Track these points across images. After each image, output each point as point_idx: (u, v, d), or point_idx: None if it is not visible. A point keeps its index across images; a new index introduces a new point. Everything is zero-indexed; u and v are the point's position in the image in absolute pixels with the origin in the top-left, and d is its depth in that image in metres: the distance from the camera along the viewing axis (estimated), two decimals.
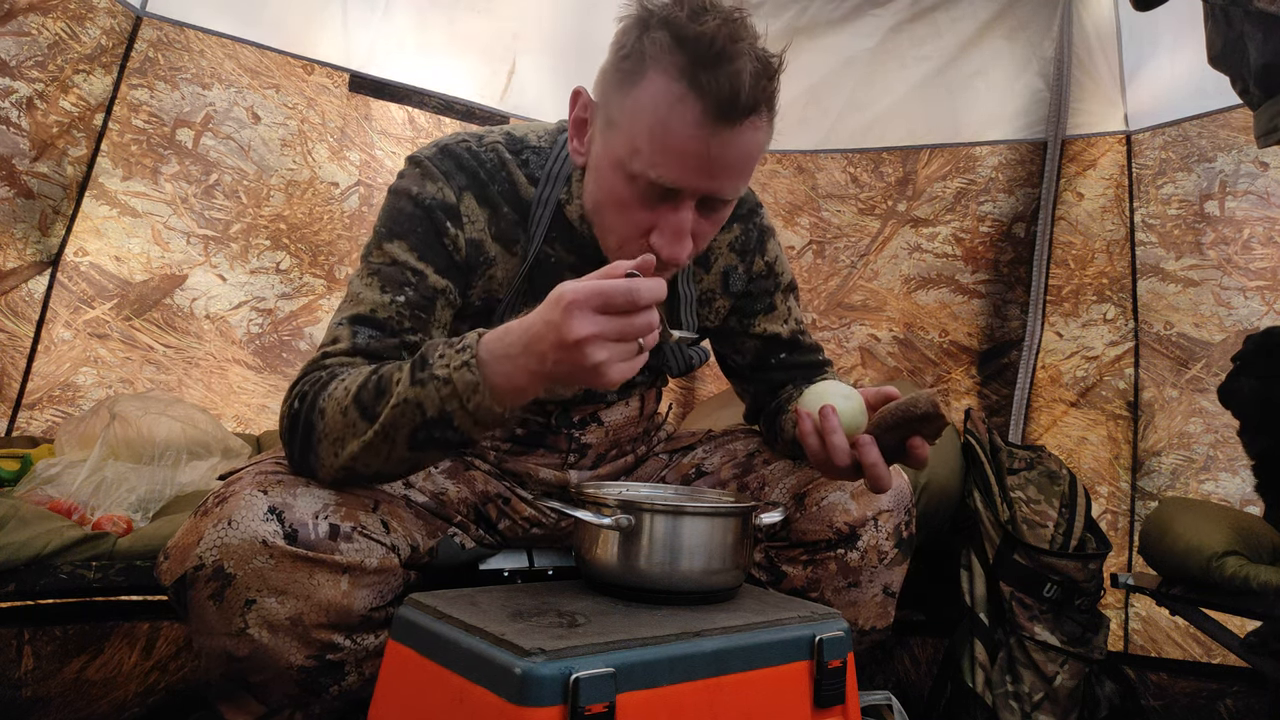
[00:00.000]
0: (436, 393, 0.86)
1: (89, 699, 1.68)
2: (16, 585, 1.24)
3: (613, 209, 0.99)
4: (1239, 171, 2.19)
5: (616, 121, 0.96)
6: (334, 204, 2.29)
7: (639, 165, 0.93)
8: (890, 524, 1.11)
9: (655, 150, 0.92)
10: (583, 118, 1.03)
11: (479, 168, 1.09)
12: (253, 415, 2.17)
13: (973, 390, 2.50)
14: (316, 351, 1.02)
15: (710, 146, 0.91)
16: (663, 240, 0.97)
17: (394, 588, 0.98)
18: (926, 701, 1.94)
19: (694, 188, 0.95)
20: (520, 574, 1.17)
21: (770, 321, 1.26)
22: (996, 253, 2.51)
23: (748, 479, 1.21)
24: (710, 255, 1.22)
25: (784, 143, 2.75)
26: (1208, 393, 2.16)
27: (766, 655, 0.83)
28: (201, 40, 2.11)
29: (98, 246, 1.99)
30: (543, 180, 1.10)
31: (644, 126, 0.92)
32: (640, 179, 0.94)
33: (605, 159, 0.98)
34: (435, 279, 1.04)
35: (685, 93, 0.90)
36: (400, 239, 1.04)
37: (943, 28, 2.58)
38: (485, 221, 1.08)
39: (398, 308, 1.02)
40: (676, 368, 1.24)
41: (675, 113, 0.90)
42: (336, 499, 0.95)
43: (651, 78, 0.92)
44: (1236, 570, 1.63)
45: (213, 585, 0.89)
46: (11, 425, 1.87)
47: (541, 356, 0.81)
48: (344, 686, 0.96)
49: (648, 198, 0.96)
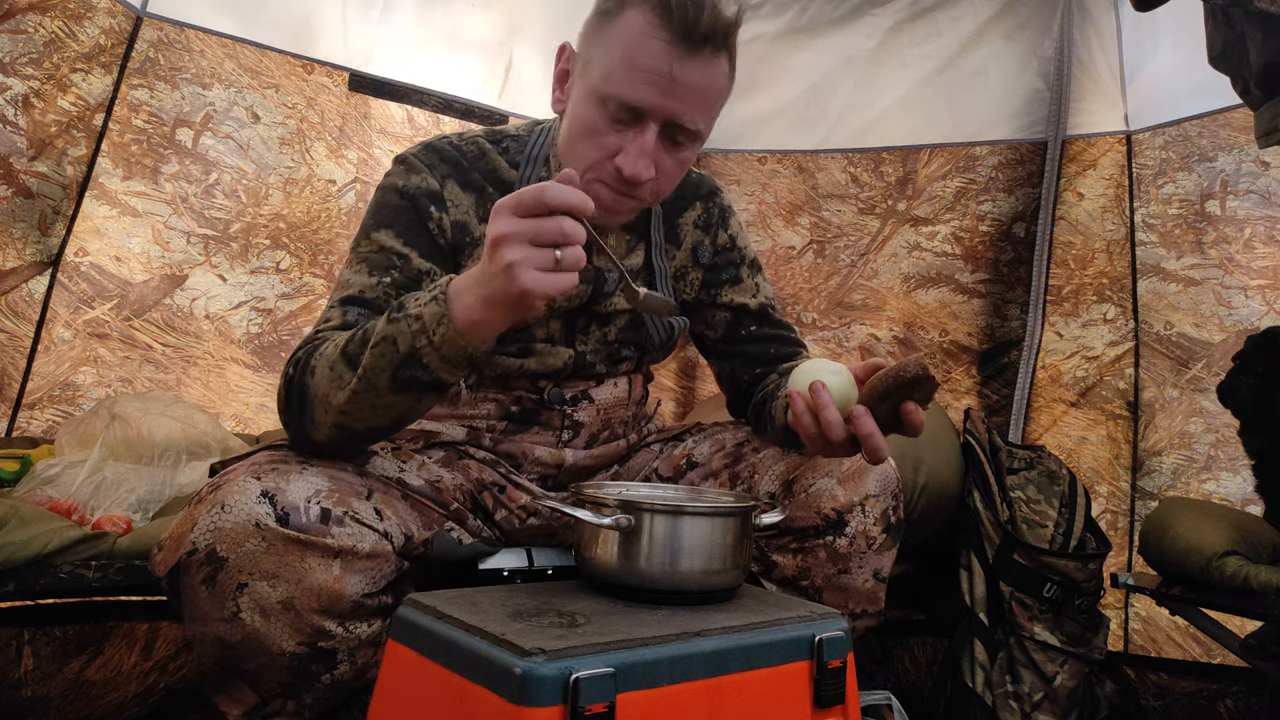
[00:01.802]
0: (408, 328, 0.90)
1: (89, 699, 1.68)
2: (16, 585, 1.25)
3: (583, 137, 1.07)
4: (1240, 171, 2.19)
5: (593, 58, 1.06)
6: (331, 201, 2.29)
7: (609, 87, 1.03)
8: (878, 509, 1.12)
9: (624, 71, 1.02)
10: (565, 69, 1.13)
11: (460, 157, 1.17)
12: (251, 414, 2.17)
13: (973, 390, 2.50)
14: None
15: (673, 68, 1.01)
16: (627, 159, 1.04)
17: (386, 574, 0.98)
18: (926, 701, 1.94)
19: (656, 106, 1.03)
20: (520, 573, 1.17)
21: (738, 293, 1.33)
22: (996, 252, 2.51)
23: (738, 468, 1.22)
24: (679, 233, 1.30)
25: (784, 143, 2.75)
26: (1208, 392, 2.16)
27: (766, 655, 0.83)
28: (201, 40, 2.11)
29: (98, 246, 1.99)
30: (523, 163, 1.19)
31: (617, 52, 1.03)
32: (610, 100, 1.03)
33: (581, 94, 1.08)
34: (420, 261, 1.11)
35: (655, 19, 1.01)
36: (386, 227, 1.12)
37: (943, 27, 2.58)
38: (469, 204, 1.16)
39: (384, 288, 1.08)
40: (658, 337, 1.27)
41: (644, 35, 1.01)
42: (330, 485, 0.96)
43: (628, 14, 1.03)
44: (1237, 570, 1.63)
45: (205, 570, 0.90)
46: (11, 425, 1.87)
47: (483, 277, 0.86)
48: (336, 676, 0.97)
49: (616, 121, 1.04)
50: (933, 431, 2.00)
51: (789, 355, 1.33)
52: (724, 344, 1.34)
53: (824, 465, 1.13)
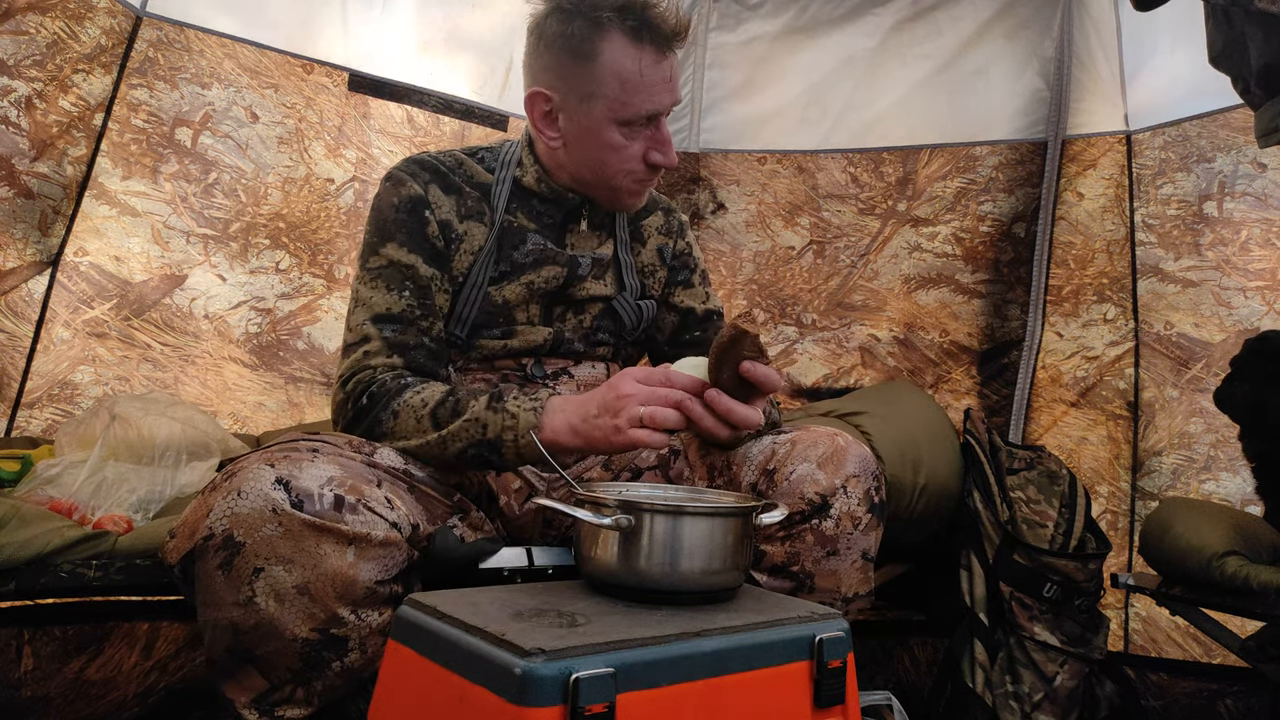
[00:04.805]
0: (501, 421, 1.09)
1: (89, 699, 1.68)
2: (17, 584, 1.24)
3: (612, 156, 1.25)
4: (1237, 172, 2.19)
5: (589, 94, 1.22)
6: (330, 200, 2.29)
7: (629, 111, 1.22)
8: (860, 489, 1.14)
9: (637, 94, 1.21)
10: (546, 110, 1.28)
11: (439, 164, 1.31)
12: (250, 414, 2.17)
13: (973, 390, 2.50)
14: (351, 349, 1.21)
15: (665, 72, 1.23)
16: (660, 152, 1.26)
17: (398, 563, 0.99)
18: (926, 701, 1.94)
19: (667, 105, 1.25)
20: (520, 573, 1.17)
21: (688, 296, 1.45)
22: (996, 252, 2.51)
23: (716, 459, 1.26)
24: (643, 233, 1.44)
25: (784, 143, 2.75)
26: (1208, 393, 2.16)
27: (766, 655, 0.83)
28: (201, 40, 2.11)
29: (97, 246, 1.99)
30: (498, 167, 1.34)
31: (619, 83, 1.21)
32: (635, 119, 1.23)
33: (593, 124, 1.24)
34: (424, 268, 1.24)
35: (632, 43, 1.20)
36: (391, 240, 1.24)
37: (943, 27, 2.58)
38: (451, 205, 1.28)
39: (405, 301, 1.22)
40: (629, 320, 1.38)
41: (633, 59, 1.20)
42: (341, 473, 0.97)
43: (605, 49, 1.20)
44: (1237, 570, 1.63)
45: (222, 555, 0.92)
46: (11, 425, 1.87)
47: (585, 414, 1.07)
48: (346, 664, 0.98)
49: (637, 131, 1.24)
50: (932, 431, 2.00)
51: None
52: (669, 346, 1.44)
53: (801, 451, 1.16)
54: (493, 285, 1.28)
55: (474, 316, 1.27)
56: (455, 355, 1.30)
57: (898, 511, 1.83)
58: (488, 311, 1.28)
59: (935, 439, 1.96)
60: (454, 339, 1.28)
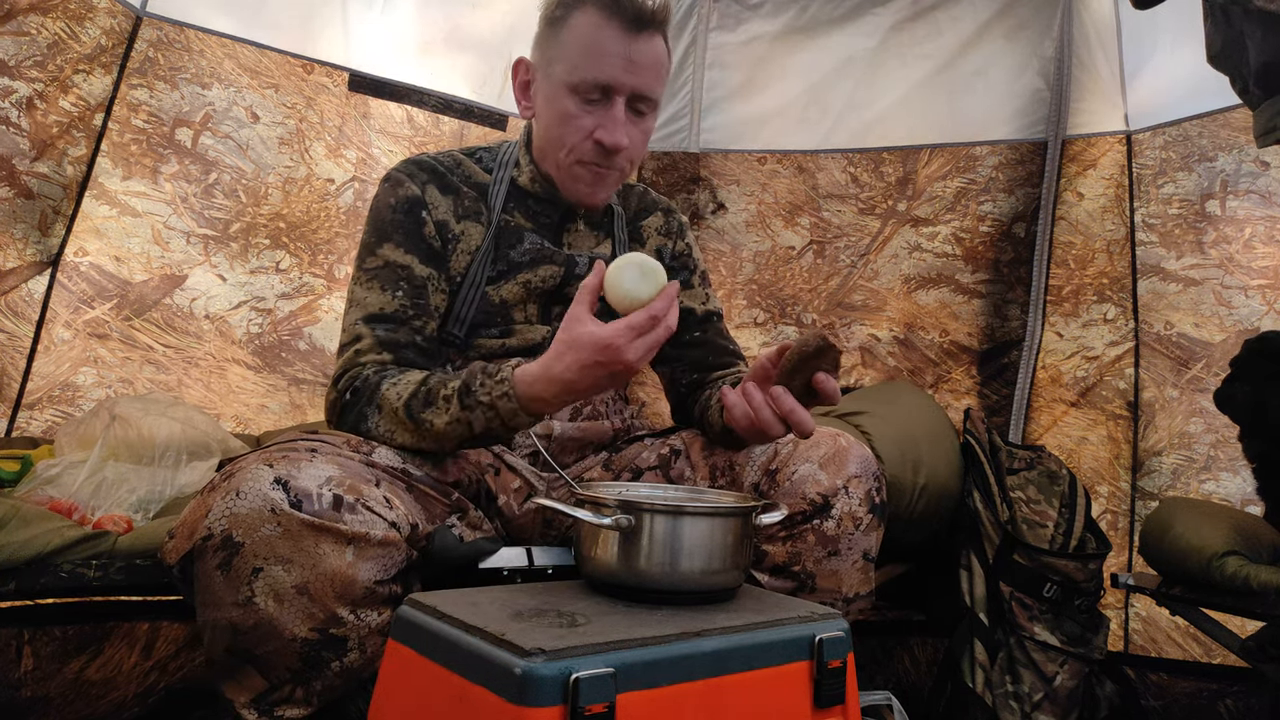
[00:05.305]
0: (483, 415, 1.08)
1: (89, 699, 1.68)
2: (17, 584, 1.24)
3: (560, 125, 1.25)
4: (1240, 171, 2.19)
5: (553, 59, 1.24)
6: (330, 200, 2.29)
7: (579, 74, 1.21)
8: (861, 490, 1.14)
9: (590, 59, 1.20)
10: (525, 79, 1.31)
11: (437, 165, 1.32)
12: (252, 415, 2.17)
13: (973, 390, 2.50)
14: (344, 349, 1.21)
15: (629, 50, 1.21)
16: (605, 131, 1.23)
17: (397, 563, 0.99)
18: (926, 701, 1.94)
19: (621, 82, 1.21)
20: (520, 573, 1.17)
21: (688, 298, 1.45)
22: (996, 252, 2.51)
23: (718, 460, 1.27)
24: (642, 234, 1.45)
25: (784, 143, 2.75)
26: (1208, 393, 2.16)
27: (766, 655, 0.83)
28: (201, 40, 2.11)
29: (98, 246, 1.99)
30: (495, 167, 1.35)
31: (579, 47, 1.21)
32: (582, 85, 1.21)
33: (551, 91, 1.25)
34: (420, 268, 1.25)
35: (603, 15, 1.20)
36: (387, 240, 1.25)
37: (943, 27, 2.58)
38: (448, 206, 1.29)
39: (399, 300, 1.22)
40: None
41: (601, 30, 1.20)
42: (340, 473, 0.97)
43: (576, 17, 1.21)
44: (1237, 570, 1.63)
45: (221, 555, 0.92)
46: (11, 425, 1.87)
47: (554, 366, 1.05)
48: (346, 664, 0.97)
49: (588, 102, 1.22)
50: (932, 431, 2.00)
51: (727, 365, 1.42)
52: (669, 347, 1.42)
53: (803, 452, 1.16)
54: (490, 285, 1.28)
55: (472, 316, 1.28)
56: (454, 355, 1.30)
57: (898, 511, 1.83)
58: (486, 311, 1.28)
59: (935, 439, 1.96)
60: (453, 338, 1.28)
